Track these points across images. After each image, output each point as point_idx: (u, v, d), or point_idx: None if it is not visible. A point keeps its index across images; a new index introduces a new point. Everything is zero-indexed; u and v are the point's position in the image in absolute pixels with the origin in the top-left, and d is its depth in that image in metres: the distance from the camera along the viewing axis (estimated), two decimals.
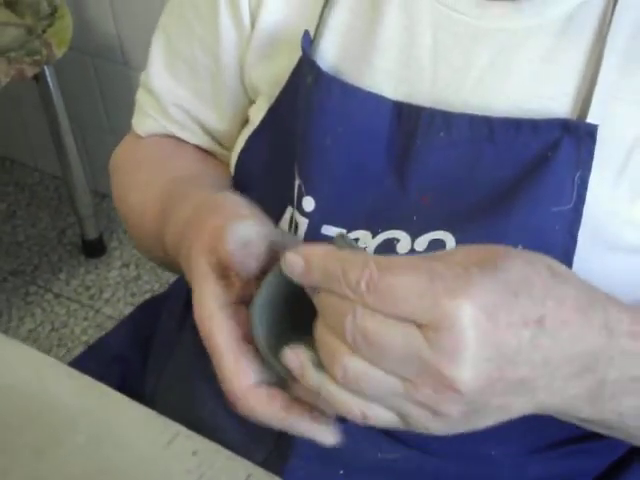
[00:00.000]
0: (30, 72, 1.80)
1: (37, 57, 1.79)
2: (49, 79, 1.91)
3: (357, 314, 0.51)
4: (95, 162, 2.26)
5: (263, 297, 0.57)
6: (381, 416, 0.54)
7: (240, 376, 0.57)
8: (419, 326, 0.50)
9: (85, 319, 2.07)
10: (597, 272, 0.68)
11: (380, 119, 0.72)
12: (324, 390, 0.54)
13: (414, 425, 0.54)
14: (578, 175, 0.67)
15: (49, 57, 1.80)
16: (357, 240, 0.72)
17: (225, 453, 0.65)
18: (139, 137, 0.90)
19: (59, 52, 1.81)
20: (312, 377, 0.54)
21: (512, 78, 0.70)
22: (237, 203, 0.65)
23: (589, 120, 0.67)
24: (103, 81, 2.13)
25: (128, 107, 0.90)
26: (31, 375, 0.71)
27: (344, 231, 0.71)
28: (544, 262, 0.54)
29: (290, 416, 0.57)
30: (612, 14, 0.67)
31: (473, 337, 0.50)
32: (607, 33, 0.67)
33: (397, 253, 0.70)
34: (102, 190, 2.32)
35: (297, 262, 0.54)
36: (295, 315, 0.57)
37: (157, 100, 0.87)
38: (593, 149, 0.67)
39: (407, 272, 0.51)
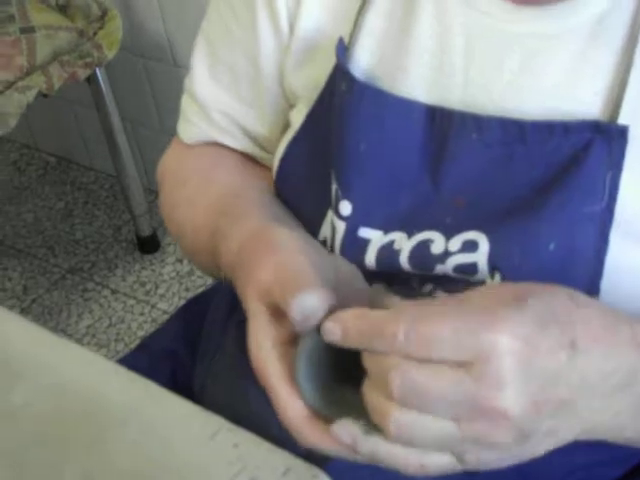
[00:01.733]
0: (83, 74, 1.85)
1: (89, 59, 1.83)
2: (101, 81, 1.95)
3: (401, 366, 0.54)
4: (148, 161, 2.31)
5: (306, 351, 0.61)
6: (437, 462, 0.57)
7: (293, 408, 0.61)
8: (461, 365, 0.53)
9: (141, 314, 2.12)
10: (629, 270, 0.69)
11: (413, 124, 0.73)
12: (379, 453, 0.57)
13: (471, 463, 0.57)
14: (610, 175, 0.68)
15: (100, 59, 1.85)
16: (393, 242, 0.74)
17: (266, 445, 0.67)
18: (184, 145, 0.92)
19: (110, 54, 1.86)
20: (364, 446, 0.58)
21: (543, 81, 0.71)
22: (294, 245, 0.68)
23: (620, 121, 0.68)
24: (153, 81, 2.17)
25: (178, 106, 0.92)
26: (80, 373, 0.74)
27: (381, 286, 0.73)
28: (565, 292, 0.58)
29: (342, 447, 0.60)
30: None
31: (513, 364, 0.53)
32: (638, 35, 0.68)
33: (432, 254, 0.72)
34: (155, 188, 2.35)
35: (334, 330, 0.58)
36: (340, 361, 0.61)
37: (200, 106, 0.89)
38: (624, 150, 0.68)
39: (440, 316, 0.55)
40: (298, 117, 0.82)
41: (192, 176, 0.90)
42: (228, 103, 0.87)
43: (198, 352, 0.96)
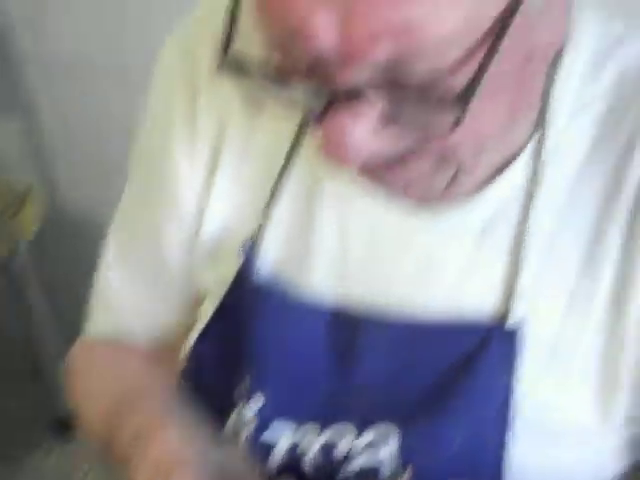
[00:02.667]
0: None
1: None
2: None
3: None
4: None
5: None
6: None
7: None
8: None
9: None
10: (532, 466, 0.71)
11: (320, 322, 0.75)
12: None
13: None
14: (507, 372, 0.70)
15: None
16: (297, 446, 0.75)
17: None
18: (91, 338, 0.92)
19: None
20: None
21: (441, 279, 0.74)
22: (175, 447, 0.68)
23: (515, 316, 0.71)
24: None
25: None
26: None
27: None
28: None
29: None
30: (530, 213, 0.71)
31: None
32: (524, 236, 0.71)
33: (337, 457, 0.73)
34: None
35: None
36: None
37: (106, 304, 0.90)
38: (520, 346, 0.70)
39: None
40: (206, 312, 0.83)
41: (96, 371, 0.90)
42: (135, 300, 0.88)
43: None
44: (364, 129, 0.59)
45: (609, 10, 0.74)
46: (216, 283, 0.81)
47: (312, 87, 0.59)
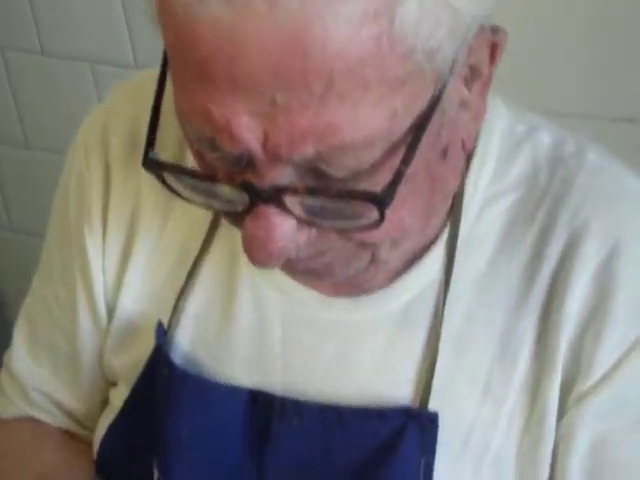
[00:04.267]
0: None
1: None
2: None
3: None
4: None
5: None
6: None
7: None
8: None
9: None
10: None
11: (236, 409, 0.75)
12: None
13: None
14: (424, 459, 0.71)
15: None
16: None
17: None
18: (8, 415, 0.91)
19: None
20: None
21: (358, 367, 0.74)
22: None
23: (431, 404, 0.71)
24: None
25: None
26: None
27: None
28: None
29: None
30: (444, 304, 0.72)
31: None
32: (441, 322, 0.72)
33: None
34: None
35: None
36: None
37: (18, 384, 0.88)
38: (436, 434, 0.71)
39: None
40: (118, 397, 0.82)
41: (7, 456, 0.88)
42: (45, 380, 0.87)
43: None
44: (287, 226, 0.59)
45: (515, 108, 0.77)
46: (127, 368, 0.81)
47: (234, 188, 0.59)
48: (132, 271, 0.79)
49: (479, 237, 0.72)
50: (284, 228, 0.59)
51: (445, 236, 0.72)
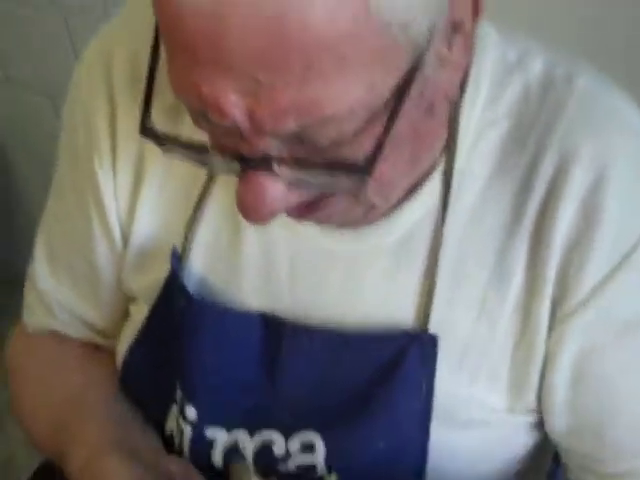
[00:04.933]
0: None
1: None
2: None
3: None
4: None
5: None
6: None
7: None
8: None
9: None
10: (449, 451, 0.78)
11: (250, 333, 0.80)
12: None
13: None
14: (425, 375, 0.77)
15: None
16: (237, 442, 0.80)
17: None
18: (29, 333, 0.95)
19: None
20: None
21: (361, 294, 0.79)
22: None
23: (431, 325, 0.77)
24: None
25: None
26: None
27: (245, 462, 0.80)
28: None
29: None
30: (441, 232, 0.76)
31: None
32: (439, 249, 0.77)
33: (274, 455, 0.79)
34: None
35: None
36: None
37: (42, 298, 0.92)
38: (436, 353, 0.77)
39: None
40: (137, 312, 0.87)
41: (35, 376, 0.93)
42: (68, 297, 0.91)
43: None
44: (277, 190, 0.64)
45: (505, 35, 0.78)
46: (145, 290, 0.85)
47: (227, 154, 0.63)
48: (144, 199, 0.83)
49: (474, 166, 0.76)
50: (273, 192, 0.63)
51: (441, 167, 0.76)
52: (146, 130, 0.65)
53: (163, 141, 0.66)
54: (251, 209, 0.64)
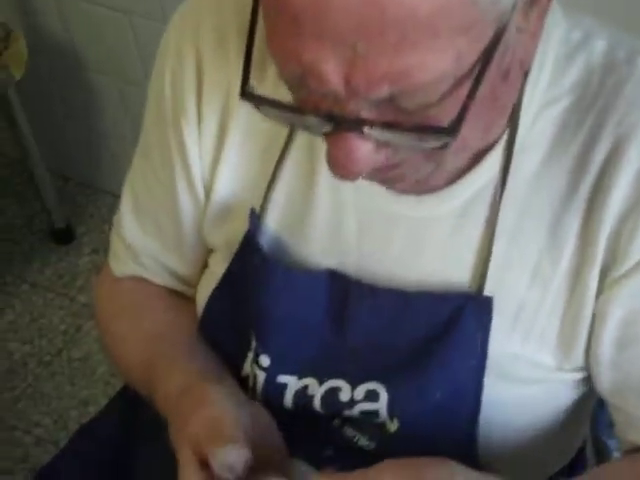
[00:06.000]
0: None
1: None
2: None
3: None
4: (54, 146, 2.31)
5: None
6: None
7: None
8: None
9: (61, 308, 2.18)
10: (501, 403, 0.85)
11: (318, 289, 0.87)
12: None
13: None
14: (480, 334, 0.83)
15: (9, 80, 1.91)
16: (307, 387, 0.88)
17: None
18: (118, 272, 1.03)
19: (18, 74, 1.92)
20: None
21: (422, 255, 0.85)
22: (221, 402, 0.81)
23: (487, 287, 0.83)
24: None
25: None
26: None
27: (300, 461, 0.86)
28: (449, 466, 0.73)
29: None
30: (500, 201, 0.82)
31: None
32: (497, 216, 0.82)
33: (340, 400, 0.86)
34: (66, 173, 2.40)
35: None
36: None
37: (128, 247, 0.99)
38: (491, 313, 0.83)
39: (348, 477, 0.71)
40: (215, 264, 0.94)
41: (123, 313, 1.01)
42: (153, 248, 0.98)
43: (137, 441, 1.07)
44: (366, 149, 0.70)
45: (571, 15, 0.82)
46: (224, 244, 0.92)
47: (321, 116, 0.69)
48: (226, 157, 0.88)
49: (534, 140, 0.80)
50: (362, 151, 0.69)
51: (503, 140, 0.81)
52: (247, 94, 0.72)
53: (263, 104, 0.72)
54: (341, 166, 0.71)
